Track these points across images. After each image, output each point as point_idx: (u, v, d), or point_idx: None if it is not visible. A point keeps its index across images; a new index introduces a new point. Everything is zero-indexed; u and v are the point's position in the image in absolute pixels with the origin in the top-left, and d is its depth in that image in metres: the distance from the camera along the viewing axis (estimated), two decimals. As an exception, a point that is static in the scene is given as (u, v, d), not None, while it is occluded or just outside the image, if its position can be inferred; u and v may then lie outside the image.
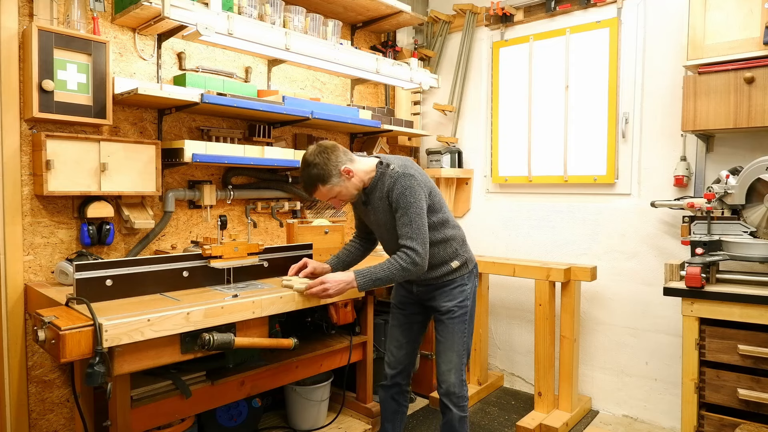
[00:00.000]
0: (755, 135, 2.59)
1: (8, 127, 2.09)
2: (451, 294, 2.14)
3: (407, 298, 2.27)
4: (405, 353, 2.27)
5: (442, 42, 3.75)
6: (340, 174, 1.99)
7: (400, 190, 1.98)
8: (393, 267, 1.97)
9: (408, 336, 2.27)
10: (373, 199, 2.09)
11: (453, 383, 2.12)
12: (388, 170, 2.04)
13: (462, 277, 2.16)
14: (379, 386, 2.34)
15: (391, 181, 2.01)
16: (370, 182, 2.08)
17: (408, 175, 2.00)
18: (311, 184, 2.00)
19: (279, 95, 2.68)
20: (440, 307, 2.15)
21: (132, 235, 2.48)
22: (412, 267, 1.97)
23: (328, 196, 2.03)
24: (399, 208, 1.99)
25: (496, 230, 3.57)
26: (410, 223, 1.97)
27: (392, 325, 2.32)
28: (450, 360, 2.13)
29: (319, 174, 1.97)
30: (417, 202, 1.98)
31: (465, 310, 2.15)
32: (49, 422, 2.26)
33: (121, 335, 1.60)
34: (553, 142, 3.27)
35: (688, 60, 2.42)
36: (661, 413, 2.95)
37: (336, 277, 2.05)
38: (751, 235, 2.26)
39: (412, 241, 1.97)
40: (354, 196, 2.09)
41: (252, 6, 2.58)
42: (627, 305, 3.05)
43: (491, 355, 3.60)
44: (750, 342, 2.09)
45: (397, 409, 2.33)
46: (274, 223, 3.07)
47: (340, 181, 2.00)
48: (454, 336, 2.13)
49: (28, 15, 2.15)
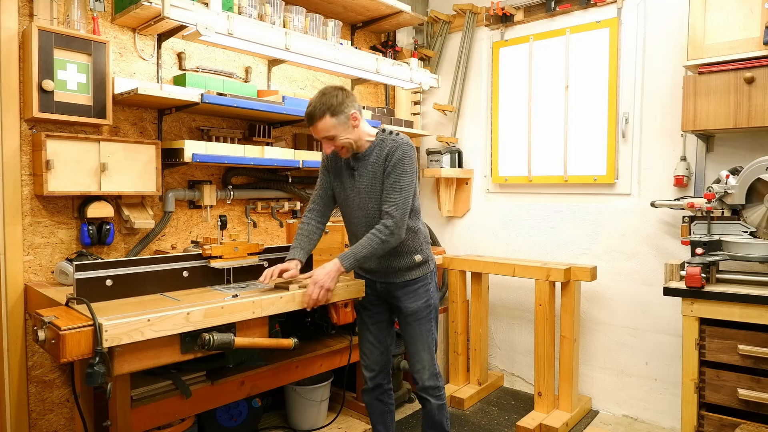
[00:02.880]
0: (755, 135, 2.59)
1: (8, 127, 2.09)
2: (416, 294, 2.15)
3: (372, 296, 2.25)
4: (380, 353, 2.26)
5: (442, 42, 3.75)
6: (348, 117, 1.99)
7: (400, 156, 2.00)
8: (373, 242, 1.99)
9: (378, 336, 2.26)
10: (363, 164, 2.07)
11: (428, 379, 2.18)
12: (391, 135, 2.06)
13: (425, 276, 2.18)
14: (363, 391, 2.34)
15: (393, 145, 2.02)
16: (365, 148, 2.07)
17: (411, 146, 2.04)
18: (320, 112, 1.96)
19: (279, 95, 2.68)
20: (406, 308, 2.15)
21: (132, 235, 2.48)
22: (390, 237, 1.99)
23: (327, 132, 1.99)
24: (393, 173, 2.00)
25: (496, 230, 3.57)
26: (400, 190, 1.99)
27: (362, 328, 2.30)
28: (422, 359, 2.17)
29: (332, 105, 1.96)
30: (411, 174, 2.02)
31: (430, 308, 2.18)
32: (49, 422, 2.26)
33: (121, 335, 1.60)
34: (553, 142, 3.27)
35: (688, 60, 2.41)
36: (661, 413, 2.95)
37: (324, 271, 2.05)
38: (751, 235, 2.26)
39: (395, 209, 1.98)
40: (346, 149, 2.04)
41: (252, 6, 2.58)
42: (627, 305, 3.05)
43: (491, 355, 3.60)
44: (750, 342, 2.08)
45: (385, 409, 2.33)
46: (274, 223, 3.07)
47: (346, 123, 2.00)
48: (422, 335, 2.16)
49: (28, 15, 2.15)
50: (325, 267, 2.07)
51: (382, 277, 2.18)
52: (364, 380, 2.30)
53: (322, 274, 2.05)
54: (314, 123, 1.99)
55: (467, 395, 3.20)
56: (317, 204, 2.25)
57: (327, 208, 2.25)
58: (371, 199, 2.07)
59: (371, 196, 2.07)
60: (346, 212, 2.20)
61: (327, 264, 2.07)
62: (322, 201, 2.24)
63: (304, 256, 2.17)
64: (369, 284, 2.24)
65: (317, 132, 2.01)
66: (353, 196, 2.13)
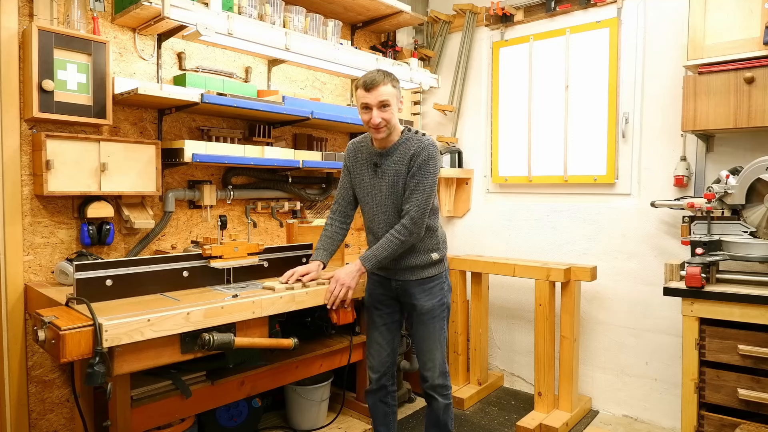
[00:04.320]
0: (755, 135, 2.59)
1: (8, 127, 2.09)
2: (431, 292, 2.16)
3: (384, 295, 2.24)
4: (387, 354, 2.26)
5: (442, 42, 3.75)
6: (400, 95, 2.07)
7: (426, 157, 2.02)
8: (393, 243, 2.03)
9: (387, 338, 2.26)
10: (387, 162, 2.09)
11: (438, 377, 2.19)
12: (417, 135, 2.09)
13: (440, 275, 2.20)
14: (366, 392, 2.34)
15: (420, 146, 2.04)
16: (392, 142, 2.10)
17: (436, 148, 2.08)
18: (385, 79, 1.99)
19: (279, 95, 2.68)
20: (421, 306, 2.15)
21: (132, 235, 2.48)
22: (409, 237, 2.03)
23: (385, 97, 1.99)
24: (418, 174, 2.02)
25: (496, 230, 3.57)
26: (423, 191, 2.02)
27: (371, 328, 2.29)
28: (434, 357, 2.18)
29: (393, 77, 2.03)
30: (434, 176, 2.06)
31: (444, 307, 2.19)
32: (49, 422, 2.26)
33: (121, 335, 1.60)
34: (553, 142, 3.27)
35: (688, 60, 2.41)
36: (661, 413, 2.95)
37: (346, 271, 2.10)
38: (751, 235, 2.26)
39: (416, 209, 2.02)
40: (386, 125, 2.02)
41: (252, 6, 2.58)
42: (627, 305, 3.05)
43: (491, 355, 3.60)
44: (750, 342, 2.09)
45: (387, 410, 2.33)
46: (274, 223, 3.07)
47: (397, 98, 2.05)
48: (436, 334, 2.17)
49: (28, 15, 2.15)
50: (346, 267, 2.12)
51: (399, 275, 2.18)
52: (369, 381, 2.30)
53: (343, 273, 2.10)
54: (377, 86, 1.99)
55: (467, 395, 3.20)
56: (340, 204, 2.27)
57: (350, 208, 2.28)
58: (392, 196, 2.09)
59: (392, 194, 2.09)
60: (365, 209, 2.21)
61: (349, 265, 2.12)
62: (345, 201, 2.27)
63: (327, 257, 2.22)
64: (382, 283, 2.24)
65: (377, 95, 1.98)
66: (375, 194, 2.14)
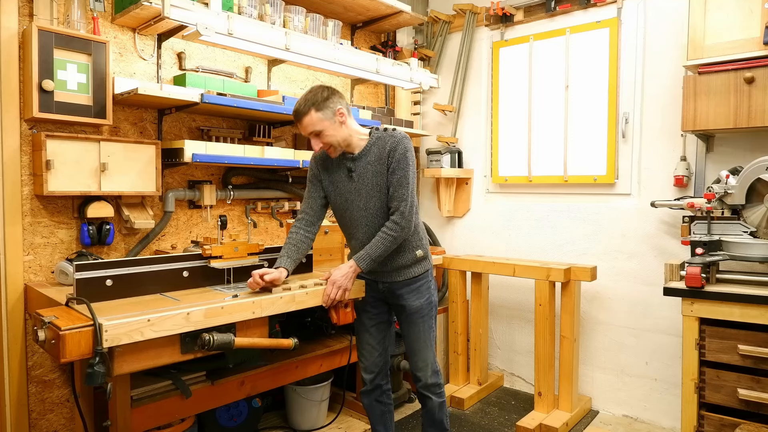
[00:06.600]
0: (755, 135, 2.59)
1: (8, 127, 2.09)
2: (419, 291, 2.16)
3: (372, 297, 2.24)
4: (379, 354, 2.26)
5: (442, 42, 3.75)
6: (334, 113, 2.00)
7: (403, 151, 2.02)
8: (386, 240, 2.03)
9: (378, 338, 2.26)
10: (362, 164, 2.07)
11: (430, 376, 2.20)
12: (387, 132, 2.07)
13: (426, 274, 2.20)
14: (361, 393, 2.33)
15: (394, 141, 2.03)
16: (360, 147, 2.08)
17: (409, 139, 2.07)
18: (305, 108, 1.97)
19: (279, 95, 2.68)
20: (410, 306, 2.16)
21: (132, 235, 2.48)
22: (401, 232, 2.04)
23: (313, 127, 1.98)
24: (399, 169, 2.02)
25: (496, 230, 3.57)
26: (407, 184, 2.03)
27: (361, 329, 2.28)
28: (426, 357, 2.19)
29: (317, 101, 1.98)
30: (413, 167, 2.07)
31: (431, 306, 2.20)
32: (49, 422, 2.26)
33: (121, 335, 1.60)
34: (553, 142, 3.27)
35: (688, 60, 2.41)
36: (661, 413, 2.95)
37: (341, 273, 2.08)
38: (751, 235, 2.26)
39: (404, 204, 2.02)
40: (334, 148, 2.03)
41: (252, 6, 2.58)
42: (627, 305, 3.05)
43: (491, 355, 3.60)
44: (750, 342, 2.09)
45: (384, 409, 2.32)
46: (274, 223, 3.07)
47: (332, 118, 2.00)
48: (425, 333, 2.18)
49: (28, 15, 2.15)
50: (341, 268, 2.10)
51: (385, 276, 2.18)
52: (363, 382, 2.30)
53: (339, 275, 2.08)
54: (300, 119, 2.00)
55: (467, 395, 3.20)
56: (306, 213, 2.21)
57: (316, 218, 2.23)
58: (374, 197, 2.07)
59: (374, 195, 2.07)
60: (344, 215, 2.17)
61: (343, 265, 2.11)
62: (312, 210, 2.21)
63: (292, 265, 2.13)
64: (370, 285, 2.24)
65: (303, 128, 2.01)
66: (353, 199, 2.11)
